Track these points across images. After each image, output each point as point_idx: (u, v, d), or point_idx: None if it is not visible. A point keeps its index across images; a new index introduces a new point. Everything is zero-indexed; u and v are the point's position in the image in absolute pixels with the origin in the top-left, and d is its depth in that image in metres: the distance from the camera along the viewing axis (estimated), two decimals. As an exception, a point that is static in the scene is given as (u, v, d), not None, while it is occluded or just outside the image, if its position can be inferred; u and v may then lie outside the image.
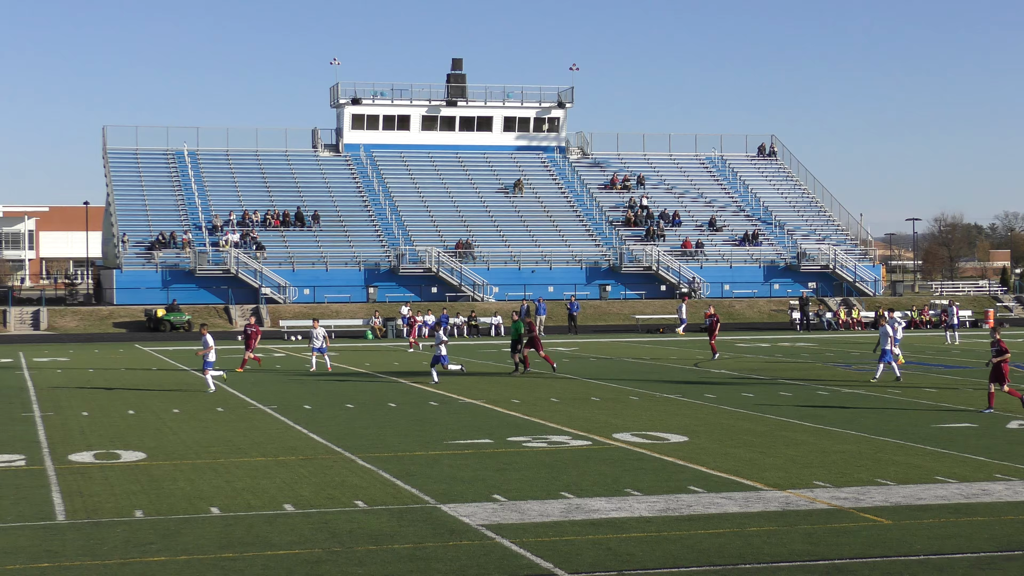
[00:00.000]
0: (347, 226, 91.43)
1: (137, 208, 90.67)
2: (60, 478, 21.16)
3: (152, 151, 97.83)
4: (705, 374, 42.45)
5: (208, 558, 15.37)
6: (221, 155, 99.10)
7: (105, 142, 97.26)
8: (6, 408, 32.38)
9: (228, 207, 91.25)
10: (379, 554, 15.59)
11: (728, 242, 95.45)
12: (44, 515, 18.03)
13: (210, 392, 35.24)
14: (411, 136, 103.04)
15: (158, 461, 23.07)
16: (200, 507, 18.57)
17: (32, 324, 76.33)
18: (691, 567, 14.87)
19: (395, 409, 31.75)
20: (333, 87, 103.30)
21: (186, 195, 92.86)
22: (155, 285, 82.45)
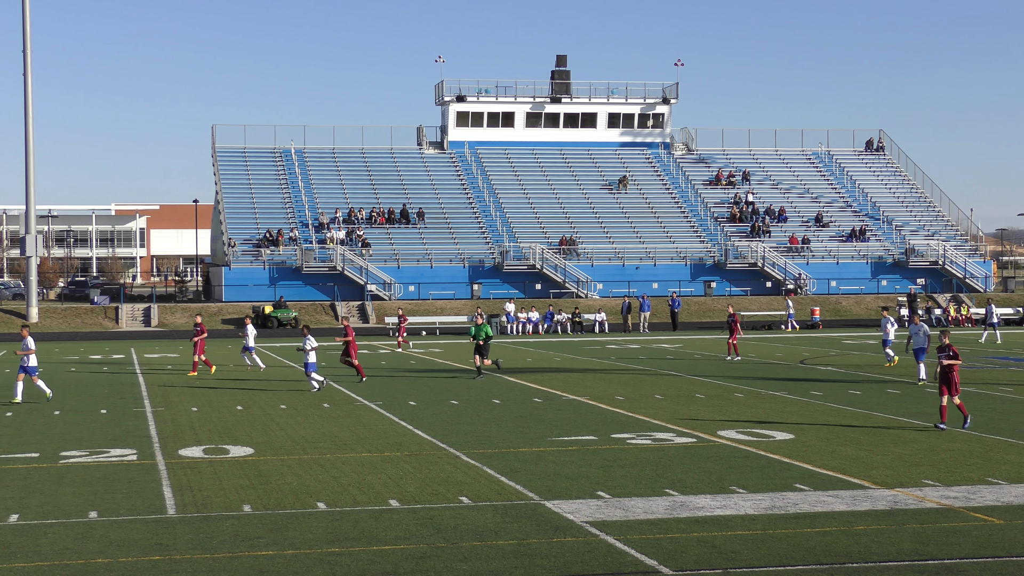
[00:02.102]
0: (452, 223, 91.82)
1: (245, 206, 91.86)
2: (170, 473, 21.51)
3: (260, 149, 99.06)
4: (811, 371, 42.03)
5: (315, 552, 15.53)
6: (327, 153, 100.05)
7: (214, 141, 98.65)
8: (119, 403, 32.98)
9: (334, 204, 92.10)
10: (483, 550, 15.64)
11: (835, 238, 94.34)
12: (155, 509, 18.33)
13: (314, 392, 35.51)
14: (515, 133, 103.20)
15: (266, 456, 23.36)
16: (307, 502, 18.77)
17: (143, 320, 77.67)
18: (797, 566, 14.73)
19: (499, 406, 31.82)
20: (438, 84, 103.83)
21: (293, 193, 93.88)
22: (262, 282, 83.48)
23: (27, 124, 75.82)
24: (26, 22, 75.14)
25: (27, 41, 75.38)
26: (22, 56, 75.46)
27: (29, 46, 75.45)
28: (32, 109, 76.06)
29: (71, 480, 20.82)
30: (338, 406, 31.85)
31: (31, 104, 75.85)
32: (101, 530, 16.89)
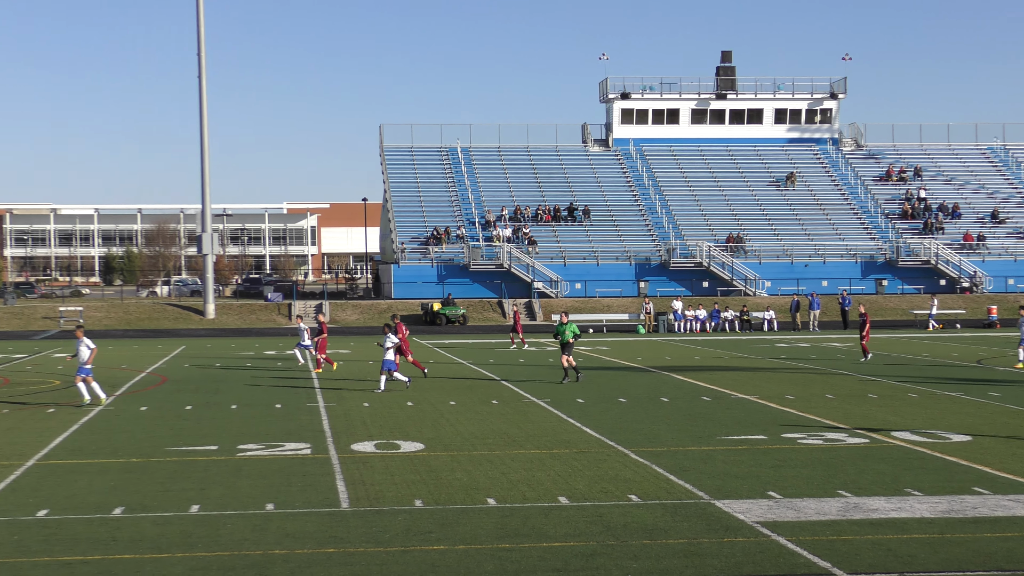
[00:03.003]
0: (617, 221, 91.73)
1: (413, 204, 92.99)
2: (343, 467, 21.87)
3: (427, 148, 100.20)
4: (989, 372, 40.98)
5: (485, 548, 15.65)
6: (493, 151, 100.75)
7: (382, 140, 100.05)
8: (293, 398, 33.64)
9: (500, 202, 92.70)
10: (653, 548, 15.60)
11: (1012, 235, 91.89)
12: (329, 502, 18.66)
13: (379, 392, 35.18)
14: (680, 130, 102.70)
15: (436, 452, 23.60)
16: (477, 498, 18.92)
17: (314, 317, 79.07)
18: (976, 571, 14.38)
19: (668, 404, 31.69)
20: (602, 82, 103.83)
21: (459, 191, 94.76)
22: (431, 279, 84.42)
23: (202, 127, 77.82)
24: (200, 27, 77.12)
25: (201, 45, 77.36)
26: (197, 60, 77.49)
27: (203, 50, 77.48)
28: (207, 112, 78.12)
29: (248, 473, 21.32)
30: (507, 403, 32.04)
31: (206, 107, 77.87)
32: (277, 522, 17.26)
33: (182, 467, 21.99)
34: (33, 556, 15.31)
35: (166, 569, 14.68)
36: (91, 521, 17.36)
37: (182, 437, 25.94)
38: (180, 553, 15.46)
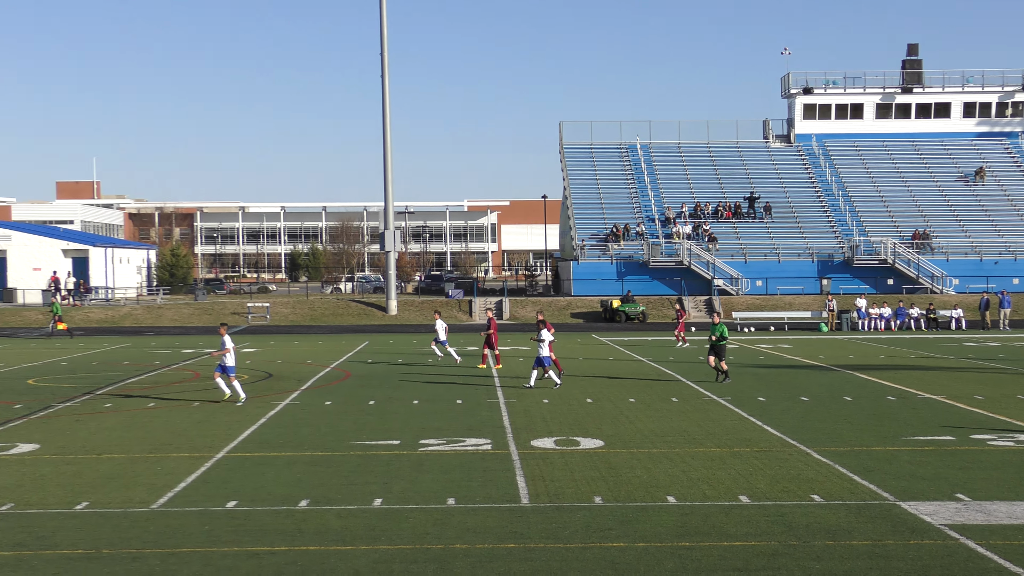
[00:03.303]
0: (799, 217, 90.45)
1: (592, 201, 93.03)
2: (523, 463, 21.99)
3: (606, 145, 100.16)
4: None
5: (665, 546, 15.58)
6: (672, 148, 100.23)
7: (562, 137, 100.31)
8: (474, 394, 33.93)
9: (680, 199, 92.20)
10: (837, 549, 15.35)
11: None
12: (509, 497, 18.78)
13: (527, 388, 35.36)
14: (864, 125, 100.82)
15: (616, 449, 23.58)
16: (657, 495, 18.85)
17: (495, 314, 79.69)
18: None
19: (851, 403, 31.14)
20: (784, 77, 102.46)
21: (639, 187, 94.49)
22: (610, 276, 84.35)
23: (385, 125, 78.99)
24: (383, 27, 78.26)
25: (384, 45, 78.50)
26: (380, 60, 78.67)
27: (386, 50, 78.60)
28: (389, 111, 79.26)
29: (430, 467, 21.57)
30: (686, 400, 31.85)
31: (388, 106, 79.02)
32: (459, 517, 17.44)
33: (365, 461, 22.36)
34: (223, 546, 15.74)
35: (350, 561, 14.95)
36: (278, 513, 17.77)
37: (365, 431, 26.37)
38: (364, 546, 15.73)
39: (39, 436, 25.97)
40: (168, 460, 22.62)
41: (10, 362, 47.05)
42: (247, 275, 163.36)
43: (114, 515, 17.70)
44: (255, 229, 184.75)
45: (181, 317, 78.83)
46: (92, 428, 27.28)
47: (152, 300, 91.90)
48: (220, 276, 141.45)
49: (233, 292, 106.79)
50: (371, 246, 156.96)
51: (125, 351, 53.00)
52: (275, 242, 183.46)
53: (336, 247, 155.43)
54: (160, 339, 62.36)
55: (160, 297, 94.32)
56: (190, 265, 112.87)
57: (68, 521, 17.34)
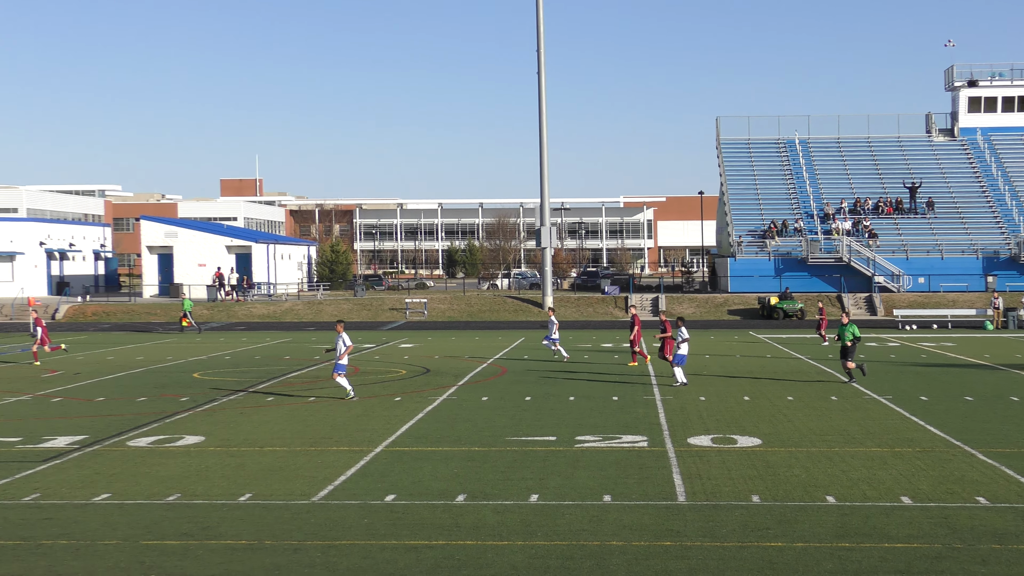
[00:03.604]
0: (963, 212, 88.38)
1: (749, 197, 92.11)
2: (680, 460, 21.87)
3: (763, 140, 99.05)
4: None
5: (824, 547, 15.36)
6: (832, 143, 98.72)
7: (719, 133, 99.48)
8: (630, 391, 33.85)
9: (839, 195, 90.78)
10: (1003, 554, 14.97)
11: None
12: (666, 495, 18.69)
13: (677, 386, 34.62)
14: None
15: (773, 447, 23.33)
16: (816, 495, 18.59)
17: (651, 310, 79.38)
18: None
19: (1018, 403, 30.33)
20: (947, 70, 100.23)
21: (797, 183, 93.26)
22: (768, 273, 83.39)
23: (541, 122, 79.18)
24: (539, 24, 78.44)
25: (540, 42, 78.68)
26: (536, 56, 78.87)
27: (542, 46, 78.75)
28: (546, 107, 79.40)
29: (586, 464, 21.57)
30: (846, 399, 31.36)
31: (545, 102, 79.16)
32: (614, 513, 17.41)
33: (522, 457, 22.45)
34: (381, 539, 15.94)
35: (507, 556, 15.02)
36: (435, 507, 17.94)
37: (522, 427, 26.48)
38: (520, 541, 15.79)
39: (204, 428, 26.60)
40: (328, 453, 22.99)
41: (177, 356, 48.27)
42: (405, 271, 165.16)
43: (276, 507, 18.05)
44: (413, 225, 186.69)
45: (340, 312, 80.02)
46: (255, 421, 27.86)
47: (312, 296, 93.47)
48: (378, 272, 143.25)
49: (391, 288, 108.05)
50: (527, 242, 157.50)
51: (286, 346, 54.00)
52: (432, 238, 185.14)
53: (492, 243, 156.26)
54: (320, 334, 63.40)
55: (320, 293, 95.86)
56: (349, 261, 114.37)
57: (232, 512, 17.73)
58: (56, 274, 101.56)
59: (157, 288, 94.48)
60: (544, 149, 79.45)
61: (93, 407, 31.03)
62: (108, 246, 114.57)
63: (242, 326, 71.83)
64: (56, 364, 44.60)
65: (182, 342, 57.47)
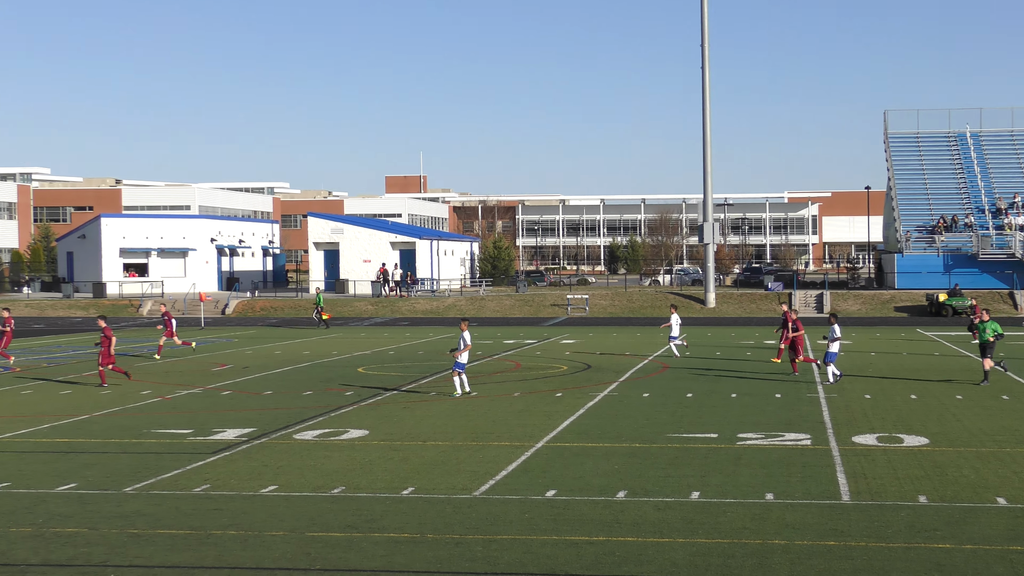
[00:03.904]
0: None
1: (918, 192, 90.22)
2: (844, 459, 21.53)
3: (933, 134, 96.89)
4: None
5: (995, 549, 14.99)
6: (1005, 136, 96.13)
7: (886, 127, 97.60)
8: (793, 388, 33.41)
9: (1012, 189, 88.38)
10: None
11: None
12: (829, 494, 18.42)
13: (830, 384, 33.92)
14: None
15: (941, 447, 22.83)
16: (986, 496, 18.15)
17: (816, 307, 78.31)
18: None
19: None
20: None
21: (968, 178, 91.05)
22: (936, 269, 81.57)
23: (705, 117, 78.60)
24: (704, 18, 77.84)
25: (705, 36, 78.08)
26: (700, 51, 78.31)
27: (707, 41, 78.13)
28: (709, 102, 78.75)
29: (748, 461, 21.37)
30: (1018, 398, 30.54)
31: (708, 97, 78.53)
32: (777, 512, 17.22)
33: (683, 453, 22.33)
34: (542, 534, 15.99)
35: (667, 554, 14.96)
36: (596, 503, 17.94)
37: (683, 424, 26.33)
38: (681, 539, 15.71)
39: (368, 422, 26.99)
40: (489, 448, 23.15)
41: (342, 350, 49.06)
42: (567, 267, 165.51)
43: (438, 501, 18.23)
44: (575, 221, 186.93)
45: (502, 308, 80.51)
46: (418, 416, 28.18)
47: (475, 291, 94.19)
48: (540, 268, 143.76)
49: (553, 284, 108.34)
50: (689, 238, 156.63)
51: (449, 341, 54.49)
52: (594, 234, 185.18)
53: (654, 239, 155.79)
54: (482, 330, 63.83)
55: (483, 289, 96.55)
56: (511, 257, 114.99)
57: (395, 505, 17.96)
58: (226, 270, 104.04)
59: (323, 284, 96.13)
60: (707, 144, 78.85)
61: (261, 400, 31.72)
62: (276, 242, 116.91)
63: (405, 321, 72.72)
64: (225, 358, 45.68)
65: (347, 337, 58.36)
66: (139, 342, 55.47)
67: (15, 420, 28.04)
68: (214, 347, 51.91)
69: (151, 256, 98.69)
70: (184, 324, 71.20)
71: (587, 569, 14.30)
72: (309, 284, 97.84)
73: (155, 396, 32.80)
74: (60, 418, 28.27)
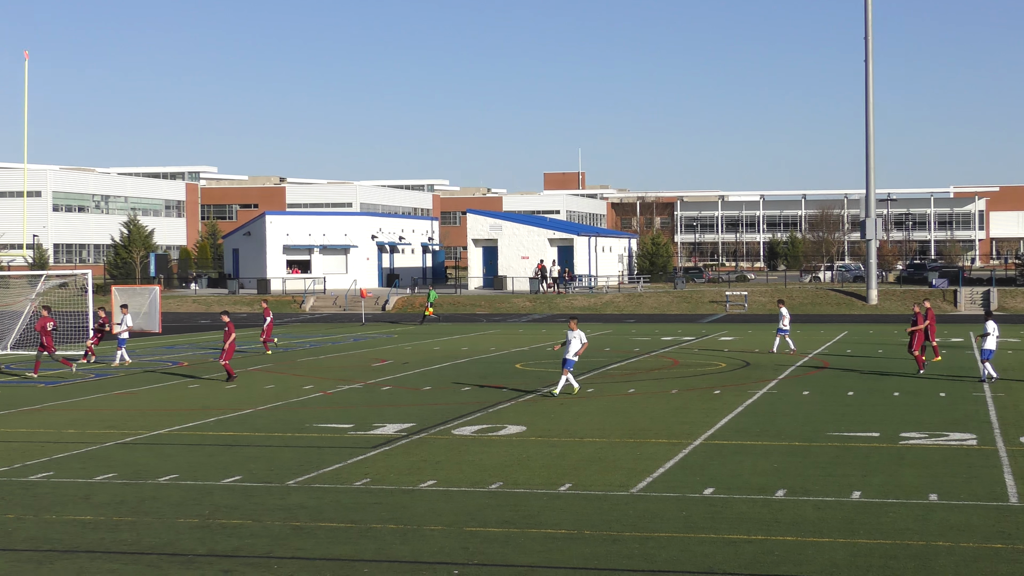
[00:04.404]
0: None
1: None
2: (1012, 460, 20.99)
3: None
4: None
5: None
6: None
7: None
8: (958, 387, 32.67)
9: None
10: None
11: None
12: (996, 496, 17.97)
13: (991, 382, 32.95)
14: None
15: (1115, 449, 22.12)
16: None
17: (982, 304, 76.47)
18: None
19: None
20: None
21: None
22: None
23: (868, 111, 77.24)
24: (868, 11, 76.46)
25: (868, 29, 76.70)
26: (864, 44, 76.95)
27: (871, 34, 76.73)
28: (873, 96, 77.34)
29: (911, 461, 20.96)
30: None
31: (872, 92, 77.16)
32: (941, 513, 16.86)
33: (843, 452, 21.99)
34: (699, 532, 15.89)
35: (827, 554, 14.74)
36: (754, 502, 17.76)
37: (843, 422, 25.93)
38: (841, 539, 15.47)
39: (525, 418, 27.09)
40: (646, 445, 23.07)
41: (500, 347, 49.33)
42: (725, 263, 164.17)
43: (595, 497, 18.22)
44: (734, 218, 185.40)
45: (660, 305, 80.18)
46: (575, 412, 28.20)
47: (632, 288, 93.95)
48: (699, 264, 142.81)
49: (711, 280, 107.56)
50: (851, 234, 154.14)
51: (606, 338, 54.44)
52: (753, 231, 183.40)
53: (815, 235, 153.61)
54: (640, 326, 63.66)
55: (640, 285, 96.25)
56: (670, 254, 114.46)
57: (552, 501, 17.99)
58: (386, 266, 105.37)
59: (481, 280, 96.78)
60: (870, 139, 77.50)
61: (420, 396, 32.06)
62: (435, 239, 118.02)
63: (563, 318, 72.83)
64: (385, 354, 46.27)
65: (505, 333, 58.64)
66: (301, 338, 56.49)
67: (183, 413, 28.79)
68: (375, 343, 52.62)
69: (313, 253, 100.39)
70: (345, 320, 72.34)
71: (745, 568, 14.16)
72: (468, 281, 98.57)
73: (316, 391, 33.38)
74: (225, 412, 28.93)
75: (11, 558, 14.95)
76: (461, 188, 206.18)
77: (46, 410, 29.80)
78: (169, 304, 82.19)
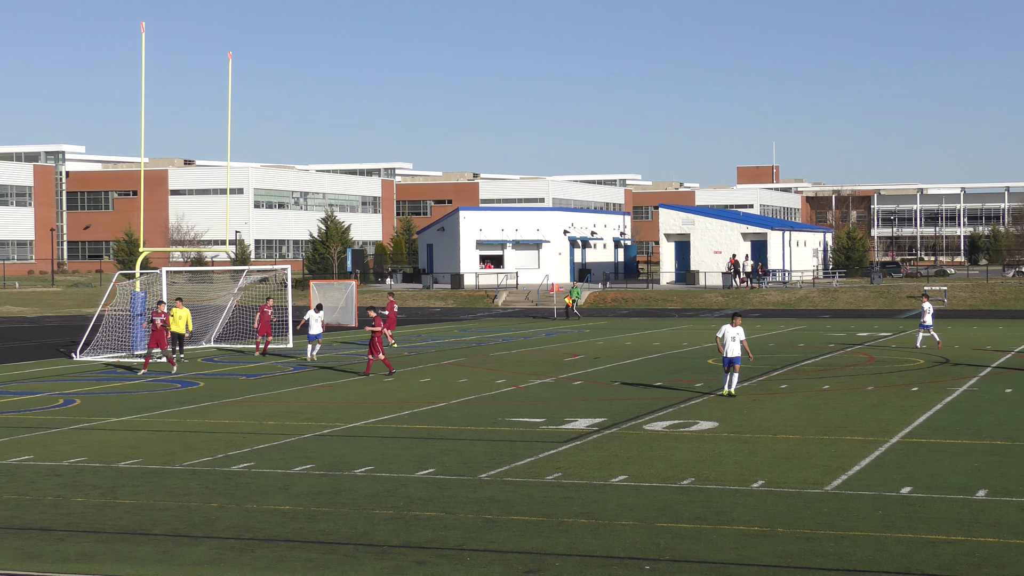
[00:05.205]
0: None
1: None
2: None
3: None
4: None
5: None
6: None
7: None
8: None
9: None
10: None
11: None
12: None
13: None
14: None
15: None
16: None
17: None
18: None
19: None
20: None
21: None
22: None
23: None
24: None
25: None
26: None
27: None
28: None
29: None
30: None
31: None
32: None
33: (1022, 452, 21.36)
34: (896, 532, 15.57)
35: (1031, 556, 14.32)
36: (953, 501, 17.34)
37: None
38: (1046, 541, 15.02)
39: (718, 414, 26.90)
40: (841, 443, 22.70)
41: (692, 342, 49.04)
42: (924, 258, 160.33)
43: (788, 495, 18.00)
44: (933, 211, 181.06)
45: (856, 300, 78.75)
46: (768, 408, 27.89)
47: (827, 283, 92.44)
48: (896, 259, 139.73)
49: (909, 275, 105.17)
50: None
51: (800, 333, 53.71)
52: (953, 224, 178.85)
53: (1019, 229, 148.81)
54: (835, 322, 62.63)
55: (836, 280, 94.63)
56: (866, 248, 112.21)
57: (744, 498, 17.84)
58: (578, 261, 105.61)
59: (674, 275, 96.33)
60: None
61: (611, 391, 32.07)
62: (627, 234, 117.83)
63: (756, 313, 72.03)
64: (577, 348, 46.40)
65: (696, 328, 58.27)
66: (493, 332, 56.99)
67: (379, 407, 29.31)
68: (566, 337, 52.82)
69: (506, 248, 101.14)
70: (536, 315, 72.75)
71: (944, 569, 13.84)
72: (660, 275, 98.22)
73: (509, 385, 33.64)
74: (419, 405, 29.37)
75: (215, 545, 15.42)
76: (653, 183, 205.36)
77: (247, 402, 30.67)
78: (365, 299, 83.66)
